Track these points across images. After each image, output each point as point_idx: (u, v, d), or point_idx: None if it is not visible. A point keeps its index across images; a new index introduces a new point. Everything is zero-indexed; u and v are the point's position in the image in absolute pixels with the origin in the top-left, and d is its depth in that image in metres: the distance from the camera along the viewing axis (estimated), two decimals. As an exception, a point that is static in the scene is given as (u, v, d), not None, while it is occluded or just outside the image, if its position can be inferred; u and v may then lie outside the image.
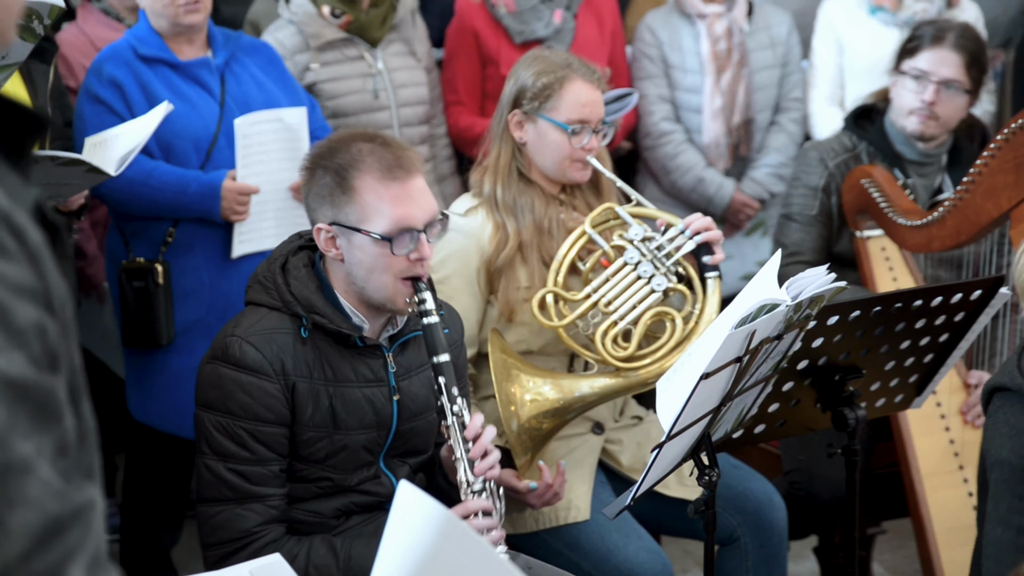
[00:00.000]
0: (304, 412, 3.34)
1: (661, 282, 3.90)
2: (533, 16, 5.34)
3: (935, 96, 4.44)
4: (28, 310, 1.69)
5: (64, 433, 1.72)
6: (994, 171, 4.18)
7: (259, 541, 3.28)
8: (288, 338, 3.35)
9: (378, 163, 3.32)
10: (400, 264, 3.31)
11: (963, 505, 4.00)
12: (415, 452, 3.59)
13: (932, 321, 3.57)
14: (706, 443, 3.38)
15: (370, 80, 5.11)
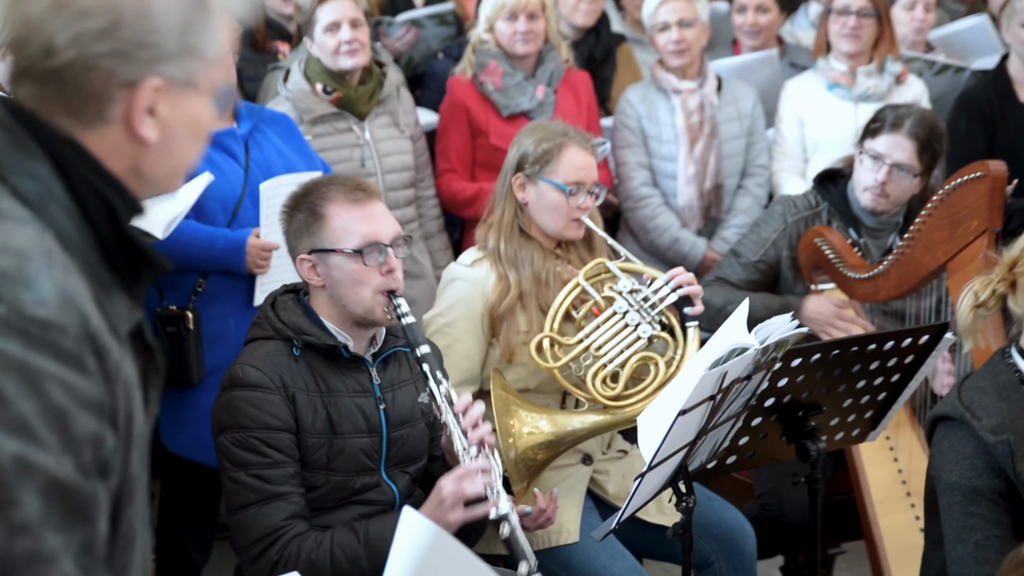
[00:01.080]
0: (305, 420, 3.44)
1: (646, 330, 3.95)
2: (518, 92, 5.38)
3: (887, 177, 4.48)
4: (89, 422, 1.75)
5: (94, 534, 1.77)
6: (931, 228, 4.26)
7: (287, 535, 3.36)
8: (283, 358, 3.47)
9: (341, 192, 3.54)
10: (374, 277, 3.46)
11: (910, 528, 4.03)
12: (412, 460, 3.66)
13: (885, 363, 3.60)
14: (683, 473, 3.43)
15: (357, 150, 5.13)
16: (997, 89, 5.62)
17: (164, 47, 1.88)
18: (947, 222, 4.23)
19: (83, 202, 1.86)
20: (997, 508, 3.12)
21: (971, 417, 3.17)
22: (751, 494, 4.50)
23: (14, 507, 1.65)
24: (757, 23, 6.13)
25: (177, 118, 1.93)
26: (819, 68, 5.71)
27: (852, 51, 5.58)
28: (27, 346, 1.68)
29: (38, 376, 1.68)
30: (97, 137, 1.89)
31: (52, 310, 1.71)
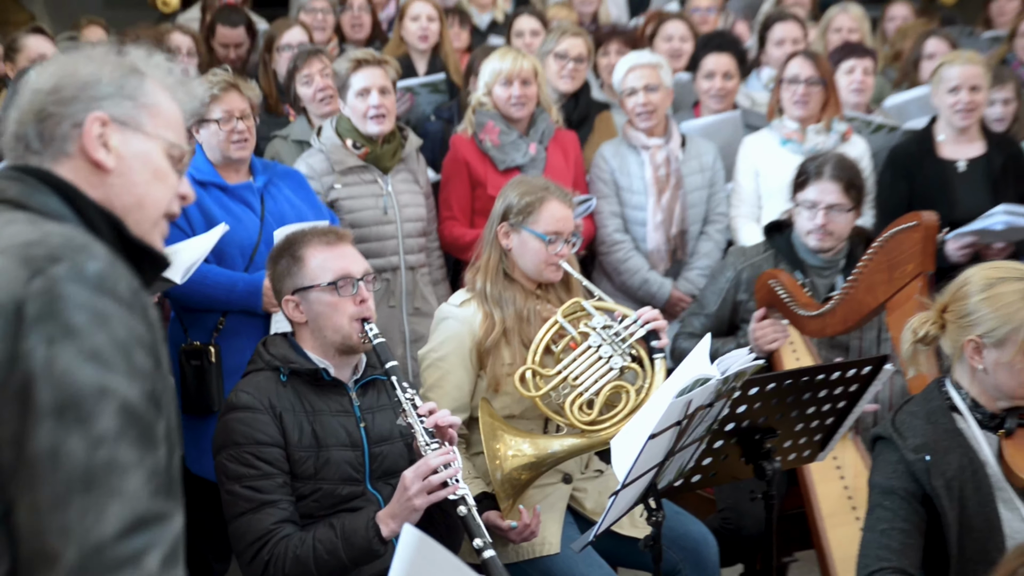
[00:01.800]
0: (293, 436, 3.50)
1: (618, 361, 3.93)
2: (513, 148, 5.37)
3: (826, 219, 4.50)
4: (145, 358, 1.87)
5: (158, 460, 1.84)
6: (872, 271, 4.25)
7: (276, 536, 3.40)
8: (272, 384, 3.56)
9: (316, 237, 3.67)
10: (349, 307, 3.57)
11: (855, 539, 3.94)
12: (394, 472, 3.60)
13: (832, 391, 3.58)
14: (653, 490, 3.41)
15: (381, 199, 5.13)
16: (921, 146, 5.64)
17: (100, 91, 2.11)
18: (886, 266, 4.24)
19: (90, 220, 2.04)
20: (907, 507, 3.13)
21: (898, 437, 3.20)
22: (713, 509, 4.48)
23: (94, 420, 1.76)
24: (724, 87, 6.10)
25: (127, 150, 2.11)
26: (774, 126, 5.72)
27: (801, 116, 5.60)
28: (92, 291, 1.82)
29: (105, 314, 1.82)
30: (68, 168, 2.08)
31: (106, 266, 1.86)
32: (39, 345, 1.78)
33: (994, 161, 5.56)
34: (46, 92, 2.09)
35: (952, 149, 5.60)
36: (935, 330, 3.28)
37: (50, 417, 1.76)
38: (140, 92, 2.14)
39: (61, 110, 2.07)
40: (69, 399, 1.76)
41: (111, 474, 1.77)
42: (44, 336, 1.78)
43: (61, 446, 1.75)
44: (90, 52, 2.19)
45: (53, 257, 1.83)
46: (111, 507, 1.76)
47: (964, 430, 3.21)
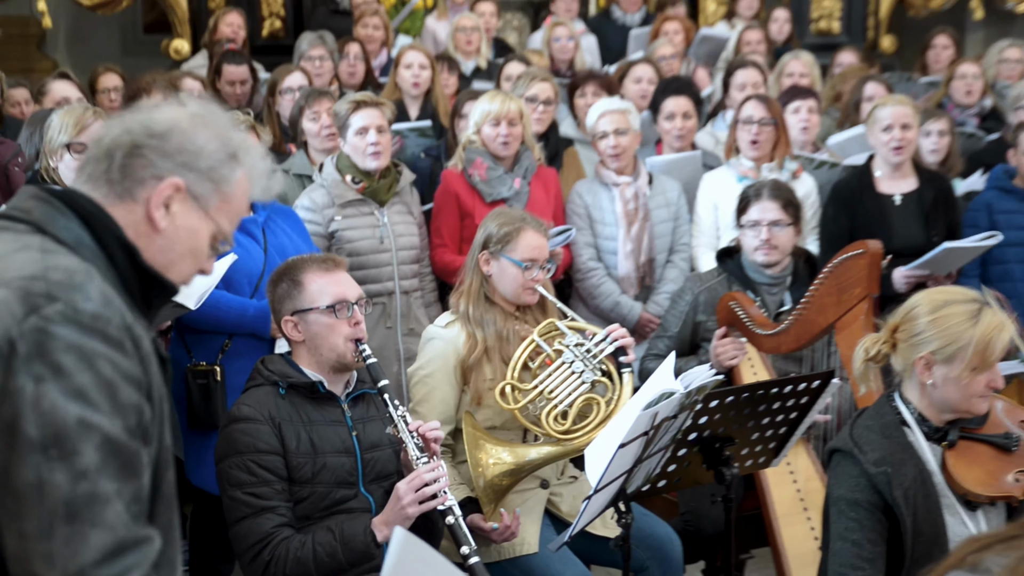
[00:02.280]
0: (291, 444, 3.49)
1: (589, 376, 3.95)
2: (499, 183, 5.38)
3: (769, 234, 4.53)
4: (131, 393, 1.87)
5: (140, 488, 1.88)
6: (822, 294, 4.27)
7: (275, 539, 3.40)
8: (271, 397, 3.55)
9: (315, 264, 3.67)
10: (344, 329, 3.57)
11: (807, 537, 4.01)
12: (385, 476, 3.65)
13: (785, 403, 3.59)
14: (623, 495, 3.43)
15: (378, 230, 5.12)
16: (860, 181, 5.66)
17: (195, 162, 2.07)
18: (835, 289, 4.26)
19: (107, 246, 2.00)
20: (872, 518, 3.12)
21: (858, 451, 3.18)
22: (677, 511, 4.47)
23: (77, 457, 1.78)
24: (684, 127, 6.11)
25: (183, 221, 2.08)
26: (731, 164, 5.73)
27: (756, 155, 5.61)
28: (81, 332, 1.82)
29: (91, 354, 1.81)
30: (124, 210, 2.04)
31: (98, 306, 1.85)
32: (28, 383, 1.78)
33: (926, 195, 5.57)
34: (153, 134, 2.05)
35: (888, 184, 5.61)
36: (887, 349, 3.30)
37: (36, 452, 1.77)
38: (226, 181, 2.11)
39: (154, 158, 2.04)
40: (54, 435, 1.77)
41: (92, 505, 1.80)
42: (32, 374, 1.78)
43: (46, 479, 1.77)
44: (213, 119, 2.16)
45: (50, 296, 1.83)
46: (93, 536, 1.79)
47: (913, 443, 3.22)
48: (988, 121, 7.17)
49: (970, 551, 2.33)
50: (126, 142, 2.04)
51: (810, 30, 10.87)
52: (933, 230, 5.50)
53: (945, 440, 3.24)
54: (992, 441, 3.28)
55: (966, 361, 3.11)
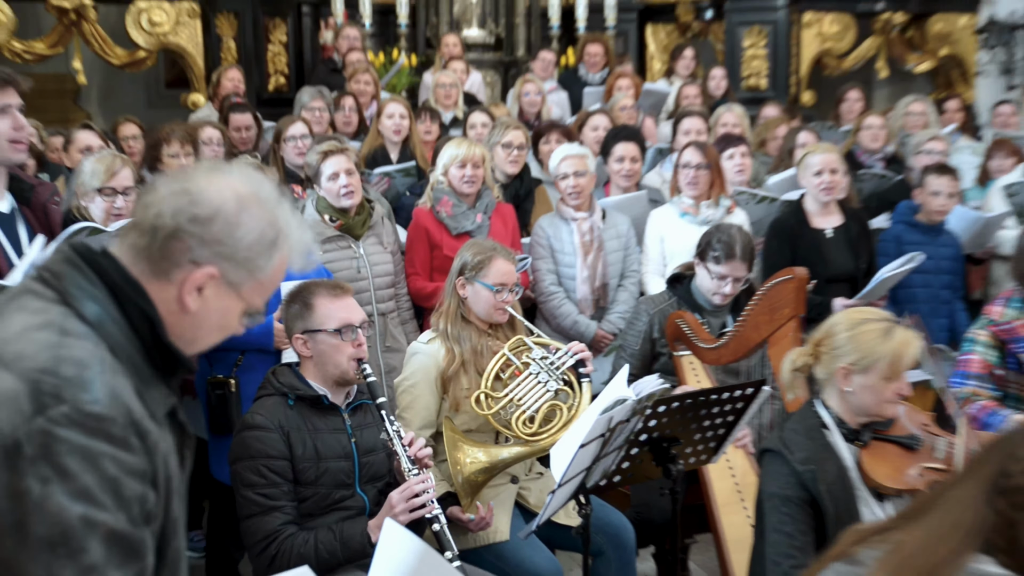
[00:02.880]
0: (297, 450, 3.46)
1: (553, 385, 3.94)
2: (464, 218, 5.36)
3: (732, 289, 4.49)
4: (135, 486, 1.77)
5: (144, 567, 1.78)
6: (757, 314, 4.27)
7: (281, 536, 3.38)
8: (281, 407, 3.53)
9: (325, 289, 3.63)
10: (348, 349, 3.53)
11: (744, 524, 3.99)
12: (378, 478, 3.64)
13: (723, 408, 3.59)
14: (583, 489, 3.43)
15: (355, 261, 5.06)
16: (796, 218, 5.66)
17: (233, 252, 1.91)
18: (767, 309, 4.28)
19: (131, 318, 1.86)
20: (801, 512, 3.12)
21: (787, 451, 3.19)
22: (630, 502, 4.45)
23: (84, 554, 1.68)
24: (631, 169, 6.13)
25: (214, 304, 1.93)
26: (674, 202, 5.73)
27: (694, 194, 5.61)
28: (86, 434, 1.70)
29: (96, 455, 1.71)
30: (158, 288, 1.89)
31: (104, 407, 1.73)
32: (34, 484, 1.66)
33: (852, 229, 5.61)
34: (197, 220, 1.87)
35: (820, 220, 5.62)
36: (811, 361, 3.32)
37: (45, 550, 1.67)
38: (261, 269, 1.93)
39: (193, 244, 1.87)
40: (60, 534, 1.67)
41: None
42: (39, 476, 1.67)
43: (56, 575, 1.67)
44: (260, 197, 1.95)
45: (58, 396, 1.70)
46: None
47: (833, 443, 3.22)
48: (891, 165, 7.24)
49: (849, 543, 2.33)
50: (170, 225, 1.86)
51: (742, 86, 10.93)
52: (860, 258, 5.57)
53: (859, 440, 3.26)
54: (899, 441, 3.32)
55: (879, 371, 3.15)
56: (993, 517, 2.12)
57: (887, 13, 11.21)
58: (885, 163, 7.20)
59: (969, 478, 2.19)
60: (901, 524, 2.24)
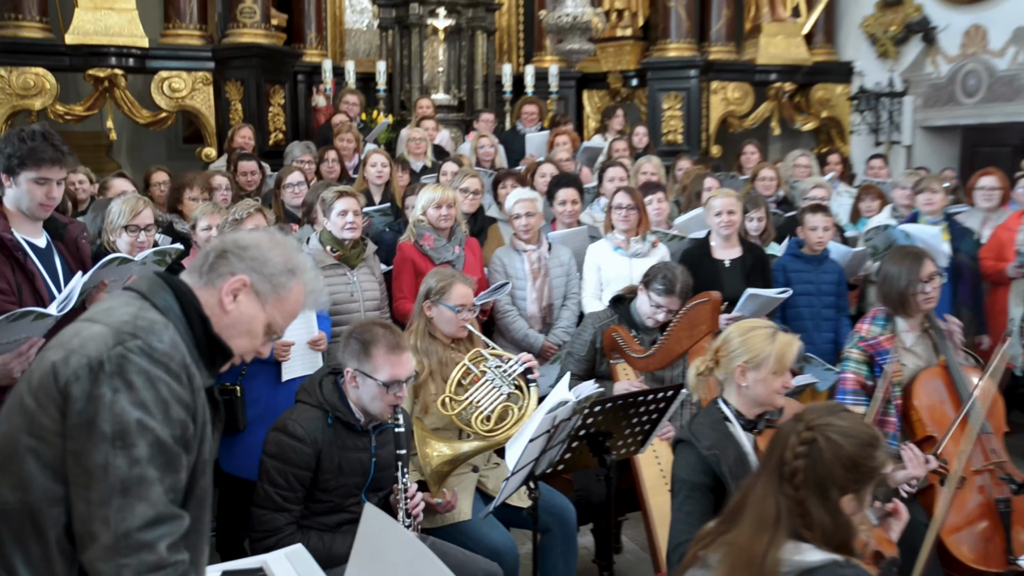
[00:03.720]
0: (324, 463, 3.36)
1: (506, 389, 3.92)
2: (444, 250, 5.32)
3: (665, 317, 4.44)
4: (180, 411, 1.94)
5: (177, 480, 1.91)
6: (679, 329, 4.27)
7: (283, 534, 3.28)
8: (320, 422, 3.37)
9: (386, 341, 3.36)
10: (389, 399, 3.36)
11: (667, 504, 3.89)
12: (381, 489, 3.53)
13: (648, 407, 3.58)
14: (533, 476, 3.40)
15: (349, 287, 4.99)
16: (701, 251, 5.67)
17: (262, 268, 2.14)
18: (688, 326, 4.28)
19: (189, 317, 2.06)
20: (705, 498, 3.09)
21: (695, 440, 3.16)
22: (572, 487, 4.41)
23: (134, 448, 1.85)
24: (573, 210, 6.11)
25: (245, 309, 2.13)
26: (608, 237, 5.70)
27: (625, 230, 5.59)
28: (150, 362, 1.91)
29: (155, 379, 1.90)
30: (206, 293, 2.11)
31: (167, 347, 1.95)
32: (107, 391, 1.85)
33: (747, 260, 5.60)
34: (238, 246, 2.14)
35: (721, 252, 5.62)
36: (712, 366, 3.32)
37: (106, 441, 1.84)
38: (284, 288, 2.15)
39: (233, 260, 2.12)
40: (120, 431, 1.85)
41: (141, 485, 1.85)
42: (111, 386, 1.86)
43: (111, 462, 1.84)
44: (285, 244, 2.22)
45: (133, 334, 1.92)
46: (138, 508, 1.85)
47: (733, 433, 3.20)
48: (782, 205, 7.33)
49: (700, 548, 2.33)
50: (218, 248, 2.15)
51: (662, 141, 10.98)
52: (752, 285, 5.52)
53: (755, 429, 3.25)
54: (786, 428, 3.31)
55: (768, 367, 3.16)
56: (786, 503, 2.16)
57: (779, 83, 11.31)
58: (777, 204, 7.28)
59: (762, 475, 2.26)
60: (728, 525, 2.28)
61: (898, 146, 10.99)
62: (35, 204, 3.53)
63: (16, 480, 1.88)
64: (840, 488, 2.15)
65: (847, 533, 2.16)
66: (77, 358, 1.88)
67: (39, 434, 1.88)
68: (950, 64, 10.43)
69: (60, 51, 9.00)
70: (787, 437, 2.23)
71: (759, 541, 2.15)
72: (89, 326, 1.95)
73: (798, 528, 2.15)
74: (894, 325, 4.20)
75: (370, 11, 11.32)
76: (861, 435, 2.19)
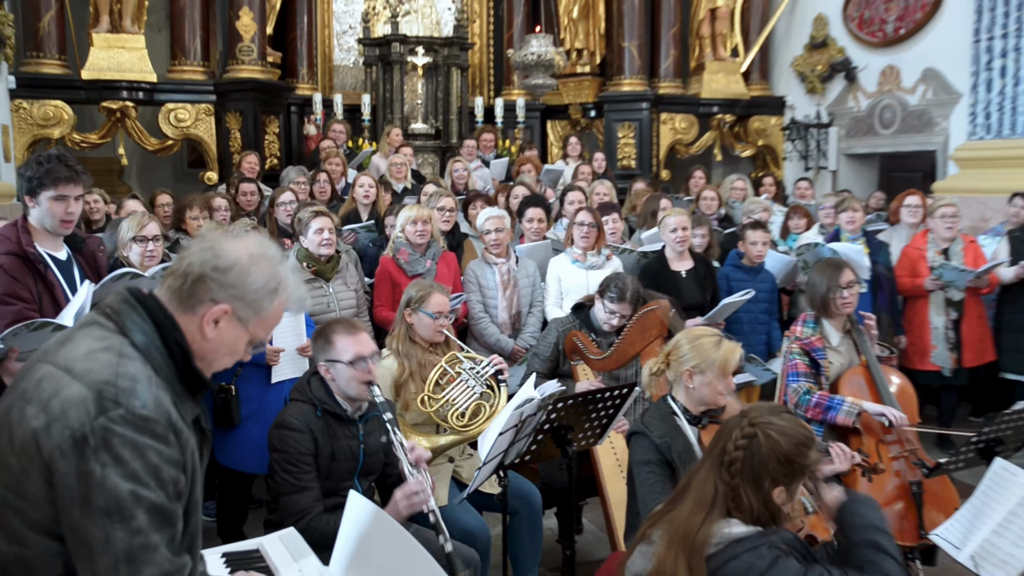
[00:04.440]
0: (319, 451, 3.30)
1: (479, 389, 3.89)
2: (416, 263, 5.32)
3: (619, 322, 4.43)
4: (171, 471, 1.77)
5: (175, 532, 1.85)
6: (633, 334, 4.29)
7: (314, 512, 3.22)
8: (312, 415, 3.32)
9: (341, 327, 3.39)
10: (361, 376, 3.31)
11: (623, 490, 3.95)
12: (372, 473, 3.49)
13: (606, 403, 3.57)
14: (502, 465, 3.38)
15: (325, 298, 4.98)
16: (660, 263, 5.71)
17: (243, 294, 1.91)
18: (640, 330, 4.30)
19: (169, 349, 1.85)
20: (662, 471, 3.10)
21: (648, 431, 3.18)
22: (538, 475, 4.38)
23: (132, 520, 1.70)
24: (539, 227, 6.12)
25: (225, 335, 1.92)
26: (568, 251, 5.69)
27: (584, 246, 5.58)
28: (136, 431, 1.71)
29: (143, 447, 1.72)
30: (186, 320, 1.89)
31: (150, 411, 1.74)
32: (96, 467, 1.68)
33: (699, 271, 5.66)
34: (218, 269, 1.88)
35: (676, 264, 5.66)
36: (663, 367, 3.34)
37: (102, 517, 1.69)
38: (265, 309, 1.93)
39: (214, 288, 1.87)
40: (115, 506, 1.70)
41: (145, 551, 1.72)
42: (100, 461, 1.69)
43: (111, 536, 1.70)
44: (267, 255, 1.95)
45: (116, 401, 1.71)
46: (146, 571, 1.73)
47: (681, 426, 3.21)
48: (723, 223, 7.39)
49: (648, 526, 2.35)
50: (198, 272, 1.88)
51: (617, 165, 11.01)
52: (705, 293, 5.62)
53: (700, 424, 3.26)
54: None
55: (713, 371, 3.18)
56: (723, 487, 2.21)
57: (720, 115, 11.39)
58: (719, 222, 7.33)
59: (706, 461, 2.30)
60: (673, 505, 2.32)
61: (825, 171, 11.10)
62: (56, 220, 3.53)
63: (9, 534, 1.75)
64: (772, 480, 2.19)
65: (774, 518, 2.20)
66: (59, 428, 1.69)
67: (24, 496, 1.73)
68: (869, 99, 10.55)
69: (77, 85, 9.02)
70: (732, 430, 2.26)
71: (696, 518, 2.20)
72: (68, 383, 1.73)
73: (731, 510, 2.19)
74: (822, 327, 4.24)
75: (356, 49, 11.29)
76: (797, 435, 2.23)
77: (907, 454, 3.96)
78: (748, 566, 2.09)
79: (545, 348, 4.62)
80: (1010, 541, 3.10)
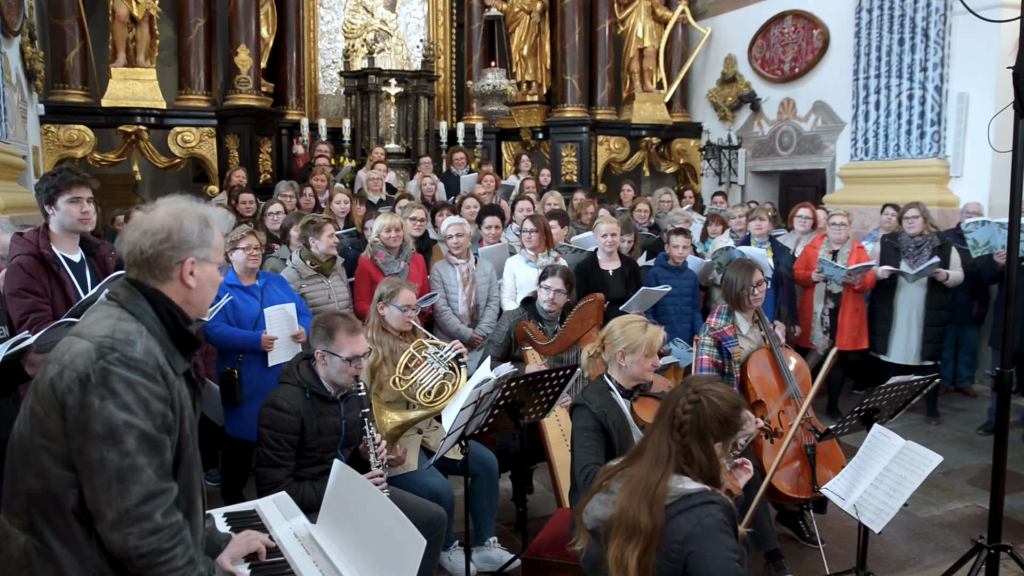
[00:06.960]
0: (307, 427, 3.23)
1: (442, 370, 3.85)
2: (392, 264, 5.27)
3: (554, 296, 4.44)
4: (159, 405, 1.81)
5: (164, 460, 1.78)
6: (573, 323, 4.30)
7: (281, 486, 3.12)
8: (300, 397, 3.25)
9: (344, 324, 3.29)
10: (352, 370, 3.27)
11: (566, 455, 3.96)
12: (351, 444, 3.42)
13: (552, 383, 3.56)
14: (464, 436, 3.35)
15: (326, 292, 4.95)
16: (591, 263, 5.71)
17: (193, 243, 1.94)
18: (579, 319, 4.30)
19: (161, 315, 1.89)
20: (597, 435, 3.09)
21: (587, 403, 3.17)
22: (495, 444, 4.36)
23: (123, 444, 1.74)
24: (496, 233, 6.08)
25: (203, 277, 1.96)
26: (521, 253, 5.67)
27: (533, 247, 5.58)
28: (129, 370, 1.77)
29: (134, 383, 1.77)
30: (167, 286, 1.93)
31: (141, 355, 1.79)
32: (95, 400, 1.74)
33: (625, 271, 5.66)
34: (161, 240, 1.89)
35: (606, 264, 5.65)
36: (599, 349, 3.33)
37: (99, 439, 1.74)
38: (210, 239, 1.96)
39: (170, 254, 1.90)
40: (110, 431, 1.74)
41: (133, 472, 1.76)
42: (98, 395, 1.74)
43: (105, 456, 1.75)
44: (183, 207, 1.96)
45: (112, 347, 1.77)
46: (133, 489, 1.76)
47: (615, 399, 3.21)
48: (653, 229, 7.39)
49: (604, 479, 2.36)
50: (151, 254, 1.90)
51: (562, 180, 11.02)
52: (629, 289, 5.61)
53: (631, 397, 3.27)
54: (655, 396, 3.33)
55: (641, 351, 3.20)
56: (676, 446, 2.22)
57: (648, 137, 11.46)
58: (649, 229, 7.35)
59: (659, 423, 2.31)
60: (631, 461, 2.32)
61: (735, 185, 11.23)
62: (74, 220, 3.52)
63: (36, 471, 1.80)
64: (715, 436, 2.24)
65: (717, 470, 2.25)
66: (69, 373, 1.76)
67: (47, 435, 1.79)
68: (771, 126, 10.70)
69: (97, 112, 9.01)
70: (678, 398, 2.28)
71: (655, 473, 2.21)
72: (77, 341, 1.82)
73: (682, 465, 2.21)
74: (734, 318, 4.27)
75: (338, 81, 11.20)
76: (732, 399, 2.28)
77: (803, 422, 4.02)
78: (698, 518, 2.12)
79: (499, 336, 4.60)
80: (884, 492, 3.19)
